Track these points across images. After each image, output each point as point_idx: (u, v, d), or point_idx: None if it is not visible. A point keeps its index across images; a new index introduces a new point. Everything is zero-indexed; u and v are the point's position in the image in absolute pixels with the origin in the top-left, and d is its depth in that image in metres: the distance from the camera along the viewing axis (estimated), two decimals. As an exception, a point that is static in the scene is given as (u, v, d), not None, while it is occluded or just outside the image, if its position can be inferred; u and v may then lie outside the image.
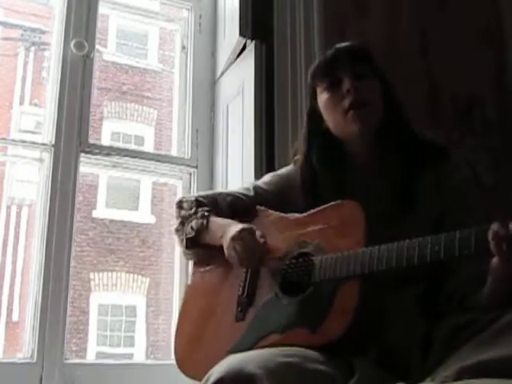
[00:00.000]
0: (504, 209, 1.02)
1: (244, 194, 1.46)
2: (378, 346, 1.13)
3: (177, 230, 1.43)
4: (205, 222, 1.37)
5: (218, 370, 1.03)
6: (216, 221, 1.38)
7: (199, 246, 1.40)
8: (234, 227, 1.30)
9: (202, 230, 1.37)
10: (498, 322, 1.02)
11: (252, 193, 1.46)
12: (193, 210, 1.42)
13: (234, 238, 1.27)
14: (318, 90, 1.38)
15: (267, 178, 1.51)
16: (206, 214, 1.39)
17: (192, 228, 1.39)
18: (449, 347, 1.07)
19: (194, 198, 1.45)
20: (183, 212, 1.44)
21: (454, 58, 2.22)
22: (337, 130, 1.36)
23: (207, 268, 1.44)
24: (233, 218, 1.40)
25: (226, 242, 1.30)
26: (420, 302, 1.20)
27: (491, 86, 2.32)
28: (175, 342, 1.39)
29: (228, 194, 1.47)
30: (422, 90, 1.31)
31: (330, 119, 1.35)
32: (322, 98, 1.36)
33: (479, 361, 0.97)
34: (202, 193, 1.53)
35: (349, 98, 1.30)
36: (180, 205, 1.46)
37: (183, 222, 1.42)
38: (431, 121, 2.09)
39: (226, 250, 1.29)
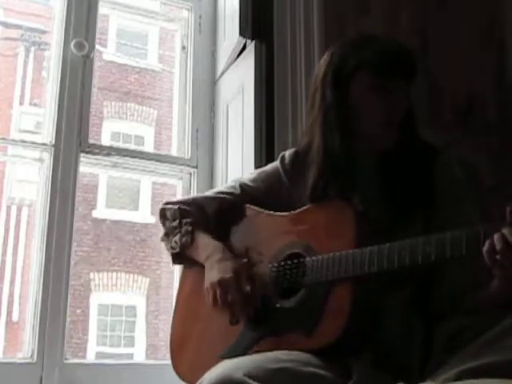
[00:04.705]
0: (503, 209, 1.01)
1: (230, 193, 1.42)
2: (375, 348, 1.12)
3: (162, 240, 1.41)
4: (189, 239, 1.34)
5: (208, 377, 1.03)
6: (201, 239, 1.34)
7: (187, 259, 1.38)
8: (222, 264, 1.26)
9: (187, 246, 1.34)
10: (499, 325, 1.01)
11: (238, 191, 1.42)
12: (176, 222, 1.37)
13: (219, 283, 1.23)
14: (364, 78, 1.25)
15: (253, 174, 1.47)
16: (190, 228, 1.35)
17: (176, 243, 1.35)
18: (449, 349, 1.06)
19: (177, 207, 1.39)
20: (167, 223, 1.40)
21: (454, 57, 2.22)
22: (362, 127, 1.27)
23: (199, 271, 1.39)
24: (220, 219, 1.38)
25: (208, 276, 1.26)
26: (414, 302, 1.19)
27: (491, 86, 2.32)
28: (170, 345, 1.39)
29: (213, 198, 1.42)
30: (422, 90, 1.29)
31: (364, 117, 1.27)
32: (367, 95, 1.25)
33: (479, 364, 0.97)
34: (187, 197, 1.49)
35: (390, 116, 1.25)
36: (163, 213, 1.41)
37: (168, 233, 1.39)
38: (431, 121, 2.08)
39: (206, 284, 1.26)
